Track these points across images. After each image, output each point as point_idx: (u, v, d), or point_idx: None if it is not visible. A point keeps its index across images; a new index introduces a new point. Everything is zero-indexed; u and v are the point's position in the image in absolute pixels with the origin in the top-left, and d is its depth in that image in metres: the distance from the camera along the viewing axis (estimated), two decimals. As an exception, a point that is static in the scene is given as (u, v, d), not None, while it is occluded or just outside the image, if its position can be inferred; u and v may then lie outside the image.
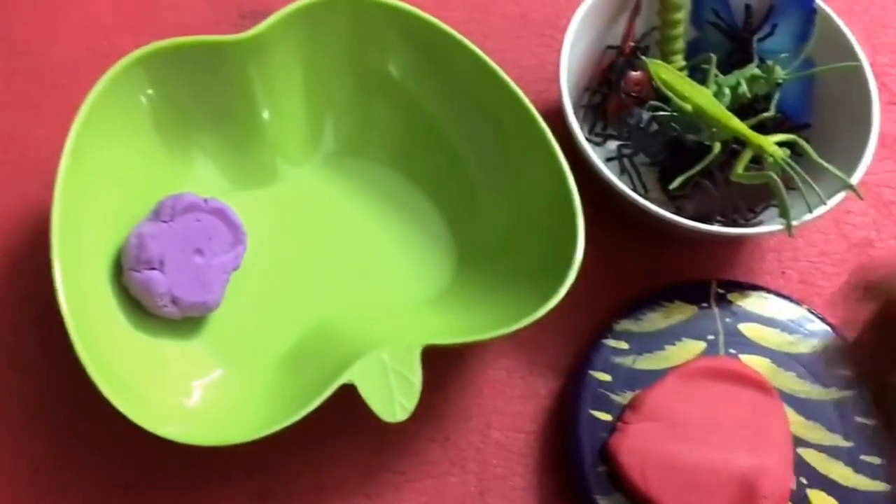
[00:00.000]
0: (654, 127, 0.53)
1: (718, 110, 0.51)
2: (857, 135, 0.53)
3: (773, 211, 0.54)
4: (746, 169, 0.50)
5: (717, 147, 0.51)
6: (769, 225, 0.52)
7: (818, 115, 0.56)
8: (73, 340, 0.41)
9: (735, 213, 0.53)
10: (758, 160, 0.51)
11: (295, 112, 0.54)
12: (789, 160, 0.50)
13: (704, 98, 0.51)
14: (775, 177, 0.49)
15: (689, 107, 0.51)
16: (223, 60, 0.50)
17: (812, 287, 0.57)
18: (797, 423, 0.49)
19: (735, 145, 0.52)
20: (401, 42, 0.53)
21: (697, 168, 0.51)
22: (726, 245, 0.57)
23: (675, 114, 0.52)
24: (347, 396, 0.43)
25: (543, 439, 0.51)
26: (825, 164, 0.50)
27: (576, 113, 0.52)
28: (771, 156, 0.50)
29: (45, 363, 0.50)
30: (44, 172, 0.54)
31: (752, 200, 0.54)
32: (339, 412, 0.43)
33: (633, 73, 0.56)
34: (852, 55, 0.54)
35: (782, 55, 0.54)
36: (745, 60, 0.55)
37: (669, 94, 0.52)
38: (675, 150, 0.54)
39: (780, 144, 0.50)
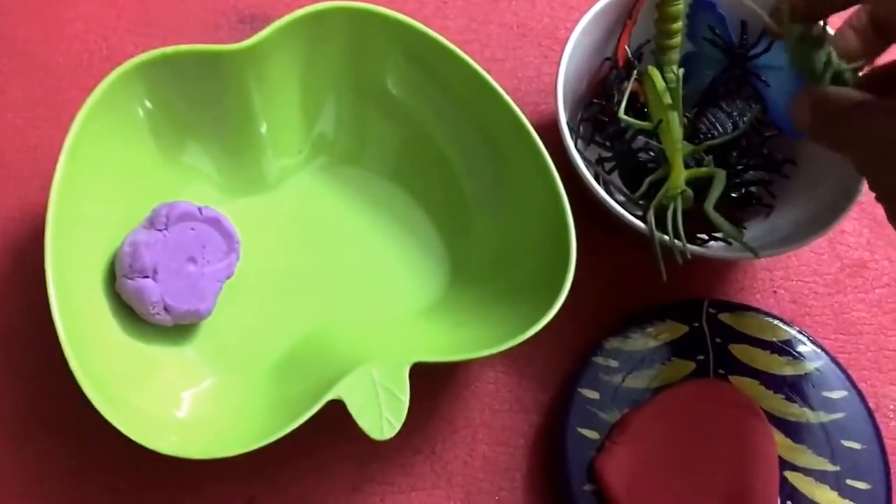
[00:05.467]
0: (637, 142, 0.53)
1: (669, 135, 0.50)
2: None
3: (763, 228, 0.54)
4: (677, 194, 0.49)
5: (661, 170, 0.51)
6: (769, 249, 0.51)
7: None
8: (65, 352, 0.41)
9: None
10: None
11: (291, 121, 0.54)
12: (677, 202, 0.49)
13: (668, 124, 0.51)
14: (675, 205, 0.49)
15: (649, 124, 0.51)
16: (221, 69, 0.50)
17: (803, 307, 0.57)
18: (784, 446, 0.49)
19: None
20: (399, 54, 0.53)
21: (643, 189, 0.51)
22: (719, 263, 0.57)
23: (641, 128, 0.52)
24: (335, 408, 0.43)
25: (531, 454, 0.51)
26: (720, 219, 0.48)
27: (574, 124, 0.52)
28: (670, 188, 0.49)
29: (36, 366, 0.50)
30: (42, 174, 0.54)
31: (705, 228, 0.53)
32: (326, 423, 0.43)
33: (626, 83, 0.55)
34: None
35: (778, 69, 0.54)
36: (740, 76, 0.54)
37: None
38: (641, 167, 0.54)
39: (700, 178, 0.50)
